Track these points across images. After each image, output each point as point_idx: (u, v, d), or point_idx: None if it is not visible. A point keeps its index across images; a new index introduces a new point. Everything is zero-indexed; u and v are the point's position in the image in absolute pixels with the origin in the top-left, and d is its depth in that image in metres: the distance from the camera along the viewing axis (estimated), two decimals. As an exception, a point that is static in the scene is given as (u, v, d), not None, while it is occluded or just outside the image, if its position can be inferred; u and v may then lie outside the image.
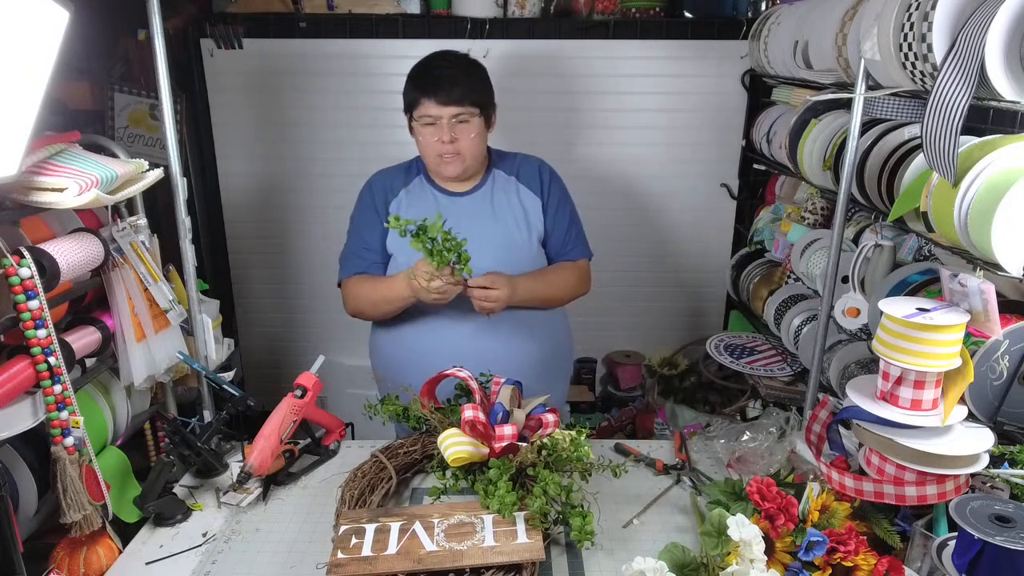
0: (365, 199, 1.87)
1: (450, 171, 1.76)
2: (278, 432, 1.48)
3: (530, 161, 1.91)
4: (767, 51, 2.28)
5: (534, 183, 1.87)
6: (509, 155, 1.91)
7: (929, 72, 1.29)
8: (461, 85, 1.69)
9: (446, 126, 1.70)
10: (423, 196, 1.84)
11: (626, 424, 2.96)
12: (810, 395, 1.75)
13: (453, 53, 1.78)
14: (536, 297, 1.79)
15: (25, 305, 1.20)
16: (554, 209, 1.87)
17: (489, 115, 1.78)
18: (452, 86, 1.68)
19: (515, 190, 1.86)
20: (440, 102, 1.68)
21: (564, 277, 1.88)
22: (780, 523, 1.16)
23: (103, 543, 1.36)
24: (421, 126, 1.73)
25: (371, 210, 1.85)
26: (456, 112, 1.69)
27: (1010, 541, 1.01)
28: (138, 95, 2.55)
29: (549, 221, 1.87)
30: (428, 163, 1.81)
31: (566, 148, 2.83)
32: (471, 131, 1.72)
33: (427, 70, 1.73)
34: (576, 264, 1.90)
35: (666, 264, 3.05)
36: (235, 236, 2.98)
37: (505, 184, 1.86)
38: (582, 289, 1.93)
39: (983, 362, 1.27)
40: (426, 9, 2.69)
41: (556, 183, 1.90)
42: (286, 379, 1.76)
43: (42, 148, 1.29)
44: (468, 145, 1.73)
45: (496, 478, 1.32)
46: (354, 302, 1.84)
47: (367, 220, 1.85)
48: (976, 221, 1.18)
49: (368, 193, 1.88)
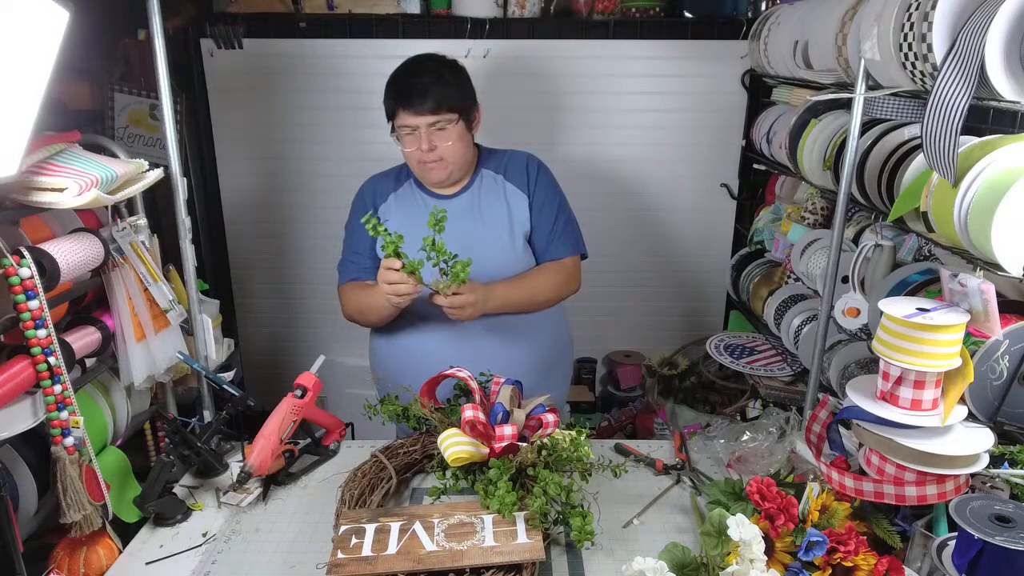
0: (357, 205, 1.87)
1: (434, 177, 1.75)
2: (278, 432, 1.48)
3: (517, 157, 1.87)
4: (767, 51, 2.28)
5: (520, 179, 1.84)
6: (498, 152, 1.88)
7: (929, 72, 1.29)
8: (434, 94, 1.65)
9: (424, 134, 1.67)
10: (412, 200, 1.82)
11: (626, 424, 2.96)
12: (810, 395, 1.75)
13: (428, 57, 1.74)
14: (514, 303, 1.75)
15: (25, 305, 1.20)
16: (540, 204, 1.83)
17: (470, 117, 1.75)
18: (425, 95, 1.65)
19: (502, 189, 1.82)
20: (415, 112, 1.66)
21: (545, 280, 1.81)
22: (780, 523, 1.16)
23: (103, 543, 1.36)
24: (401, 135, 1.72)
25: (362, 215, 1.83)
26: (432, 120, 1.66)
27: (1010, 541, 1.01)
28: (138, 95, 2.55)
29: (535, 217, 1.82)
30: (413, 170, 1.80)
31: (566, 148, 2.83)
32: (449, 137, 1.69)
33: (401, 79, 1.70)
34: (561, 263, 1.84)
35: (666, 264, 3.05)
36: (235, 236, 2.98)
37: (492, 183, 1.83)
38: (569, 289, 1.86)
39: (983, 362, 1.27)
40: (426, 9, 2.69)
41: (544, 177, 1.86)
42: (286, 379, 1.76)
43: (42, 148, 1.29)
44: (448, 151, 1.70)
45: (496, 478, 1.32)
46: (347, 309, 1.84)
47: (358, 226, 1.81)
48: (976, 221, 1.18)
49: (360, 199, 1.87)
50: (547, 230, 1.83)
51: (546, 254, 1.85)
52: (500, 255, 1.78)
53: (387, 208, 1.83)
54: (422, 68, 1.70)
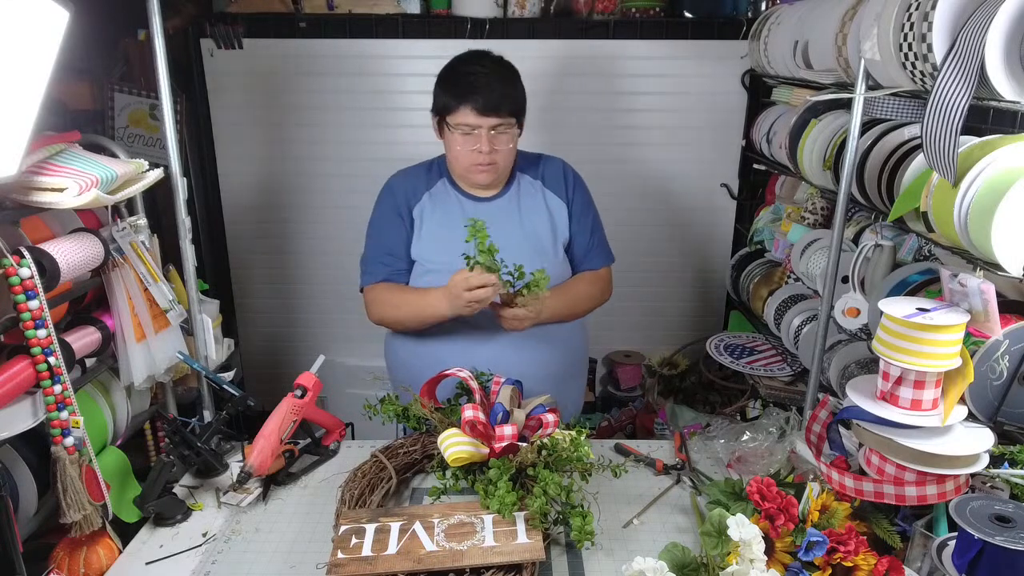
0: (386, 202, 1.77)
1: (483, 180, 1.69)
2: (278, 432, 1.48)
3: (553, 163, 1.83)
4: (767, 51, 2.28)
5: (559, 187, 1.80)
6: (532, 156, 1.84)
7: (929, 72, 1.29)
8: (501, 93, 1.59)
9: (485, 136, 1.60)
10: (447, 200, 1.75)
11: (626, 424, 2.95)
12: (810, 395, 1.75)
13: (489, 55, 1.67)
14: (561, 315, 1.73)
15: (25, 305, 1.20)
16: (579, 213, 1.80)
17: (522, 121, 1.70)
18: (491, 93, 1.58)
19: (541, 195, 1.78)
20: (479, 111, 1.58)
21: (587, 291, 1.81)
22: (780, 523, 1.16)
23: (103, 543, 1.36)
24: (456, 134, 1.63)
25: (393, 213, 1.75)
26: (496, 123, 1.60)
27: (1010, 541, 1.01)
28: (138, 95, 2.55)
29: (573, 225, 1.80)
30: (457, 170, 1.72)
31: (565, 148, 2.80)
32: (509, 141, 1.64)
33: (465, 74, 1.62)
34: (597, 274, 1.84)
35: (666, 264, 3.04)
36: (235, 236, 2.98)
37: (531, 188, 1.79)
38: (604, 299, 1.87)
39: (983, 362, 1.27)
40: (426, 9, 2.69)
41: (580, 185, 1.83)
42: (286, 379, 1.76)
43: (42, 148, 1.29)
44: (502, 155, 1.65)
45: (496, 478, 1.32)
46: (379, 311, 1.75)
47: (390, 224, 1.75)
48: (976, 221, 1.18)
49: (389, 196, 1.78)
50: (585, 240, 1.82)
51: (584, 263, 1.83)
52: (545, 261, 1.73)
53: (422, 208, 1.75)
54: (489, 66, 1.64)
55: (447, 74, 1.65)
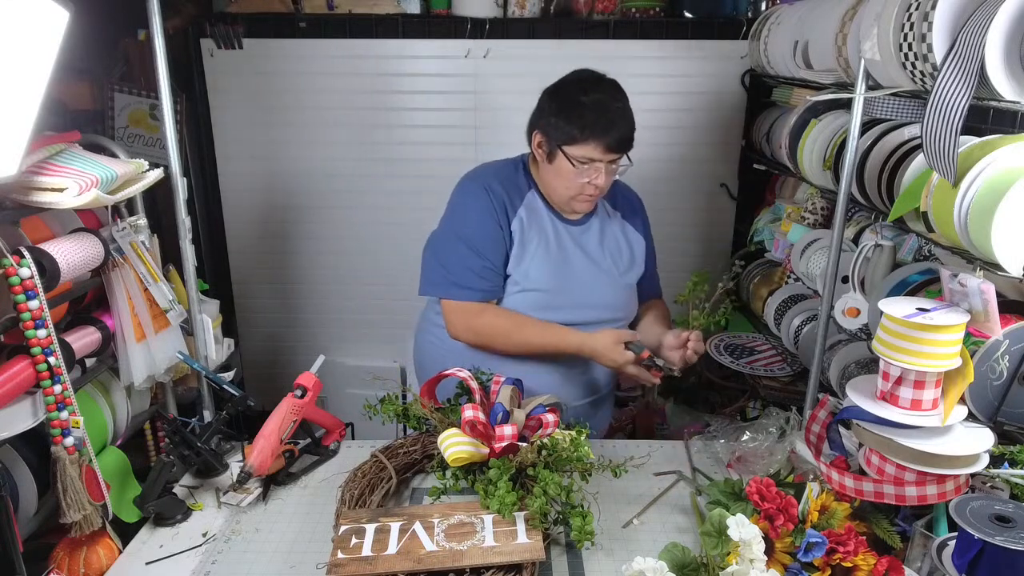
0: (484, 206, 1.59)
1: (583, 209, 1.62)
2: (278, 432, 1.48)
3: (628, 194, 1.77)
4: (767, 51, 2.28)
5: (636, 219, 1.74)
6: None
7: (929, 72, 1.29)
8: (630, 128, 1.51)
9: (604, 170, 1.51)
10: (541, 220, 1.63)
11: (626, 424, 2.95)
12: (810, 395, 1.75)
13: (606, 81, 1.57)
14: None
15: (25, 305, 1.20)
16: (649, 247, 1.79)
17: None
18: (625, 131, 1.50)
19: (620, 226, 1.73)
20: (610, 148, 1.49)
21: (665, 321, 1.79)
22: (780, 523, 1.16)
23: (103, 543, 1.36)
24: (573, 163, 1.51)
25: (493, 221, 1.59)
26: (616, 158, 1.52)
27: (1010, 541, 1.01)
28: (138, 95, 2.55)
29: (647, 259, 1.77)
30: (556, 196, 1.61)
31: (566, 148, 2.82)
32: (616, 173, 1.58)
33: (594, 107, 1.50)
34: (662, 302, 1.84)
35: (666, 264, 3.03)
36: (235, 236, 2.98)
37: (607, 217, 1.73)
38: None
39: (983, 362, 1.27)
40: (426, 9, 2.69)
41: (646, 216, 1.79)
42: (286, 379, 1.76)
43: (42, 148, 1.29)
44: (606, 187, 1.58)
45: (496, 478, 1.32)
46: (476, 332, 1.61)
47: (491, 234, 1.58)
48: (976, 221, 1.18)
49: (487, 200, 1.60)
50: (652, 271, 1.82)
51: (648, 293, 1.84)
52: (619, 292, 1.70)
53: (520, 221, 1.61)
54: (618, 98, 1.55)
55: (571, 104, 1.52)
